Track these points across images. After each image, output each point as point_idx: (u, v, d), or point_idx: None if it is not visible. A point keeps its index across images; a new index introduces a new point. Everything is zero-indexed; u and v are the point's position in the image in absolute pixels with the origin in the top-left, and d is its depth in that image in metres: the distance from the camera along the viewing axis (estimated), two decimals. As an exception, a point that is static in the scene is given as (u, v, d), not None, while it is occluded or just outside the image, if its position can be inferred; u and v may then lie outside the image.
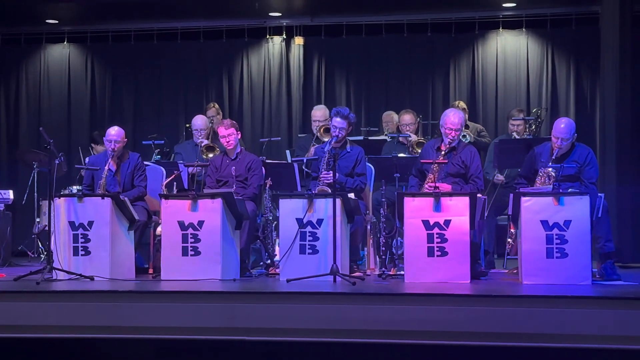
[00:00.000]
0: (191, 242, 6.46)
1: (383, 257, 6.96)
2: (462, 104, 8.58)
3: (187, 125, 9.06)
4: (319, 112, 8.37)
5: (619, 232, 7.97)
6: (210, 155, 7.78)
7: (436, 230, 6.18)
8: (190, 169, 7.38)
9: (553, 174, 6.44)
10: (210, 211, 6.47)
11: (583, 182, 6.54)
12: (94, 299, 5.63)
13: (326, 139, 7.68)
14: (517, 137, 7.98)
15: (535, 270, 6.04)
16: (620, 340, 5.01)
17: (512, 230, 6.79)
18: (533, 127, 8.23)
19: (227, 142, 7.22)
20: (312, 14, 10.32)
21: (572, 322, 5.09)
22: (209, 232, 6.45)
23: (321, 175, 6.94)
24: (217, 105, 9.20)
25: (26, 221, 9.24)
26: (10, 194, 8.39)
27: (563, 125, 6.57)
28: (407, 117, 8.42)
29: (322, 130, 7.91)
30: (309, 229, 6.47)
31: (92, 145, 9.20)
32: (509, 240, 6.87)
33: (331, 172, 6.57)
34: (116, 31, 10.70)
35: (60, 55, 10.91)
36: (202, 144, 8.01)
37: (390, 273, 6.65)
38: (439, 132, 7.05)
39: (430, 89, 10.25)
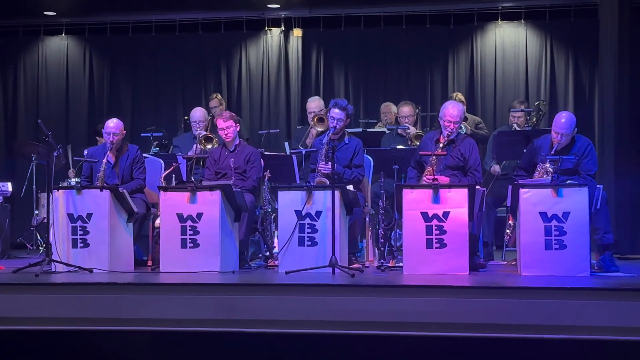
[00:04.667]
0: (190, 234, 6.46)
1: (382, 249, 6.96)
2: (460, 96, 8.57)
3: (186, 117, 9.05)
4: (314, 104, 8.39)
5: (617, 223, 7.98)
6: (209, 146, 7.77)
7: (435, 222, 6.18)
8: (191, 152, 7.40)
9: (551, 169, 6.44)
10: (209, 203, 6.47)
11: (581, 175, 6.54)
12: (93, 291, 5.63)
13: (319, 128, 7.68)
14: (518, 128, 7.97)
15: (533, 261, 6.05)
16: (618, 332, 5.02)
17: (511, 221, 6.80)
18: (534, 119, 8.22)
19: (226, 134, 7.21)
20: (311, 5, 10.30)
21: (571, 314, 5.10)
22: (207, 224, 6.44)
23: (319, 167, 6.94)
24: (219, 96, 9.19)
25: (25, 213, 9.24)
26: (9, 187, 8.38)
27: (563, 120, 6.55)
28: (406, 109, 8.42)
29: (315, 119, 7.91)
30: (307, 220, 6.47)
31: (97, 138, 9.18)
32: (507, 231, 6.88)
33: (329, 163, 6.56)
34: (114, 23, 10.69)
35: (58, 47, 10.90)
36: (200, 135, 8.00)
37: (389, 265, 6.66)
38: (437, 124, 7.05)
39: (429, 80, 10.24)
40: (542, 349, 5.16)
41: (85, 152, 7.65)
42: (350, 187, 6.78)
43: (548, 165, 6.48)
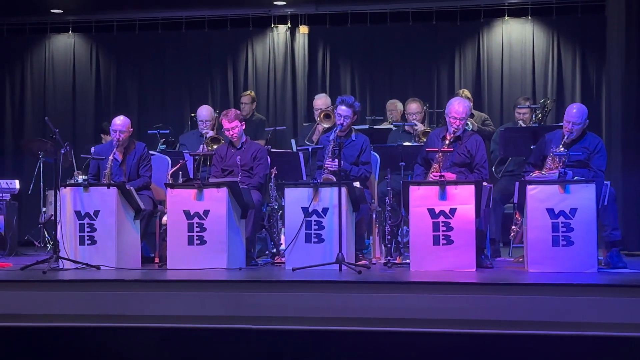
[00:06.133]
0: (197, 231, 6.47)
1: (389, 245, 6.96)
2: (467, 93, 8.54)
3: (193, 114, 9.06)
4: (320, 101, 8.40)
5: (624, 220, 7.95)
6: (215, 146, 7.78)
7: (442, 218, 6.18)
8: (199, 150, 7.43)
9: (564, 154, 6.41)
10: (216, 200, 6.47)
11: (591, 169, 6.54)
12: (100, 288, 5.64)
13: (326, 124, 7.68)
14: (523, 125, 7.95)
15: (541, 258, 6.04)
16: (625, 328, 5.01)
17: (518, 217, 6.79)
18: (540, 115, 8.21)
19: (231, 134, 7.21)
20: (317, 2, 10.30)
21: (578, 310, 5.10)
22: (214, 221, 6.45)
23: (326, 164, 6.94)
24: (253, 93, 9.20)
25: (32, 211, 9.26)
26: (17, 184, 8.40)
27: (575, 110, 6.58)
28: (414, 106, 8.41)
29: (322, 115, 7.92)
30: (314, 217, 6.47)
31: (102, 135, 9.20)
32: (514, 227, 6.87)
33: (336, 160, 6.56)
34: (121, 21, 10.70)
35: (65, 45, 10.91)
36: (207, 135, 8.01)
37: (396, 261, 6.66)
38: (444, 120, 7.04)
39: (435, 77, 10.22)
40: (549, 345, 5.16)
41: (93, 149, 7.67)
42: (356, 184, 6.78)
43: (561, 149, 6.46)
